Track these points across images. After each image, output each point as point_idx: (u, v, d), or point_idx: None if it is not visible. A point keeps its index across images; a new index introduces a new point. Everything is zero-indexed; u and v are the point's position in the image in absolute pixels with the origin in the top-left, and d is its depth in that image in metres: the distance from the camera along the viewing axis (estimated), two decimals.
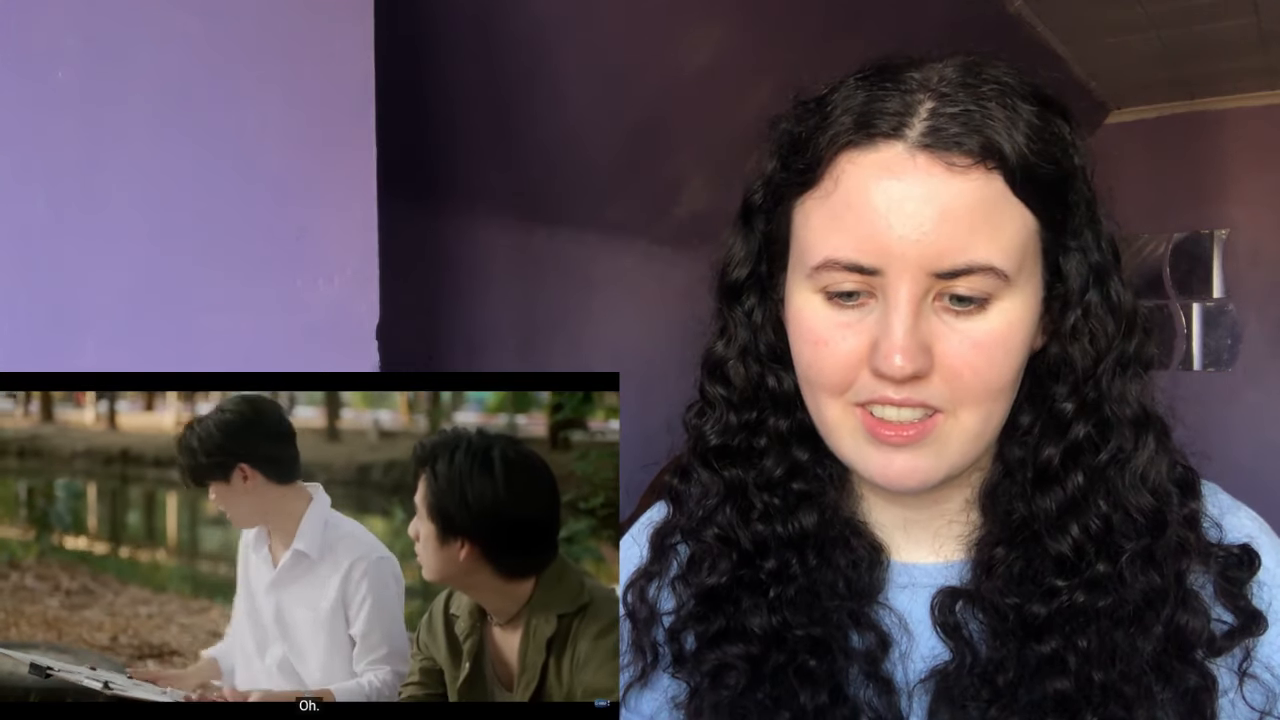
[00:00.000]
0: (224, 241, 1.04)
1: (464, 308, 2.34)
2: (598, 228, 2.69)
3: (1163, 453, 0.73)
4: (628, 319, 2.80)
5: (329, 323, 1.15)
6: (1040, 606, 0.71)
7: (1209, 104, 4.13)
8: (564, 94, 2.18)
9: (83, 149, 0.92)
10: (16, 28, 0.88)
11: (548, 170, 2.37)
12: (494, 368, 2.42)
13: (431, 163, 2.12)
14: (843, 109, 0.68)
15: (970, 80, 0.67)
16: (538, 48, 2.05)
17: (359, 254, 1.18)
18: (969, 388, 0.67)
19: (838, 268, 0.67)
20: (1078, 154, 0.70)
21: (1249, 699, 0.71)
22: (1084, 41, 3.38)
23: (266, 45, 1.08)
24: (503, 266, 2.45)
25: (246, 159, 1.06)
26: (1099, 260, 0.72)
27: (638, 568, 0.84)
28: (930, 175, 0.65)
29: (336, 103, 1.16)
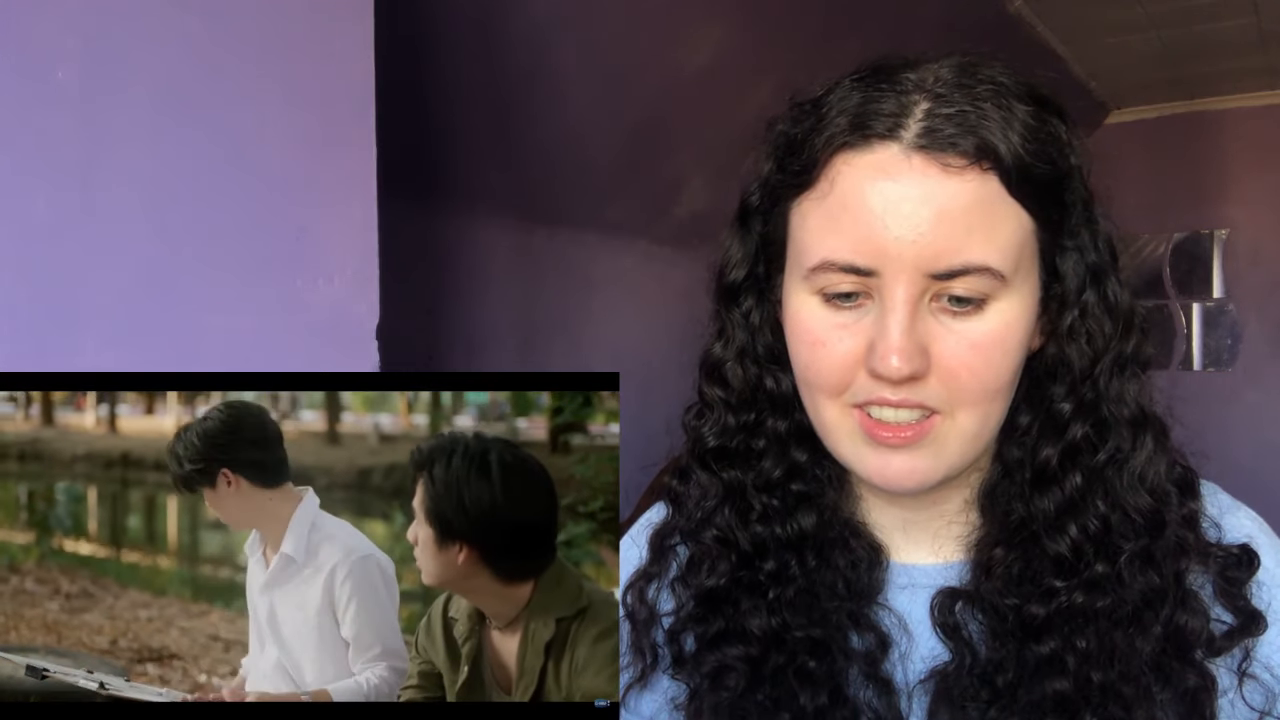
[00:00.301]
0: (224, 241, 1.04)
1: (464, 308, 2.34)
2: (598, 228, 2.69)
3: (1161, 453, 0.73)
4: (628, 319, 2.80)
5: (329, 323, 1.15)
6: (1039, 607, 0.71)
7: (1209, 104, 4.13)
8: (564, 94, 2.18)
9: (83, 149, 0.92)
10: (16, 28, 0.88)
11: (548, 170, 2.37)
12: (494, 368, 2.42)
13: (431, 163, 2.12)
14: (838, 110, 0.68)
15: (966, 81, 0.67)
16: (538, 48, 2.05)
17: (359, 254, 1.18)
18: (966, 388, 0.67)
19: (834, 269, 0.67)
20: (1074, 154, 0.70)
21: (1248, 699, 0.71)
22: (1084, 41, 3.38)
23: (266, 45, 1.08)
24: (503, 266, 2.45)
25: (246, 159, 1.06)
26: (1096, 260, 0.71)
27: (637, 569, 0.84)
28: (926, 176, 0.65)
29: (336, 103, 1.16)
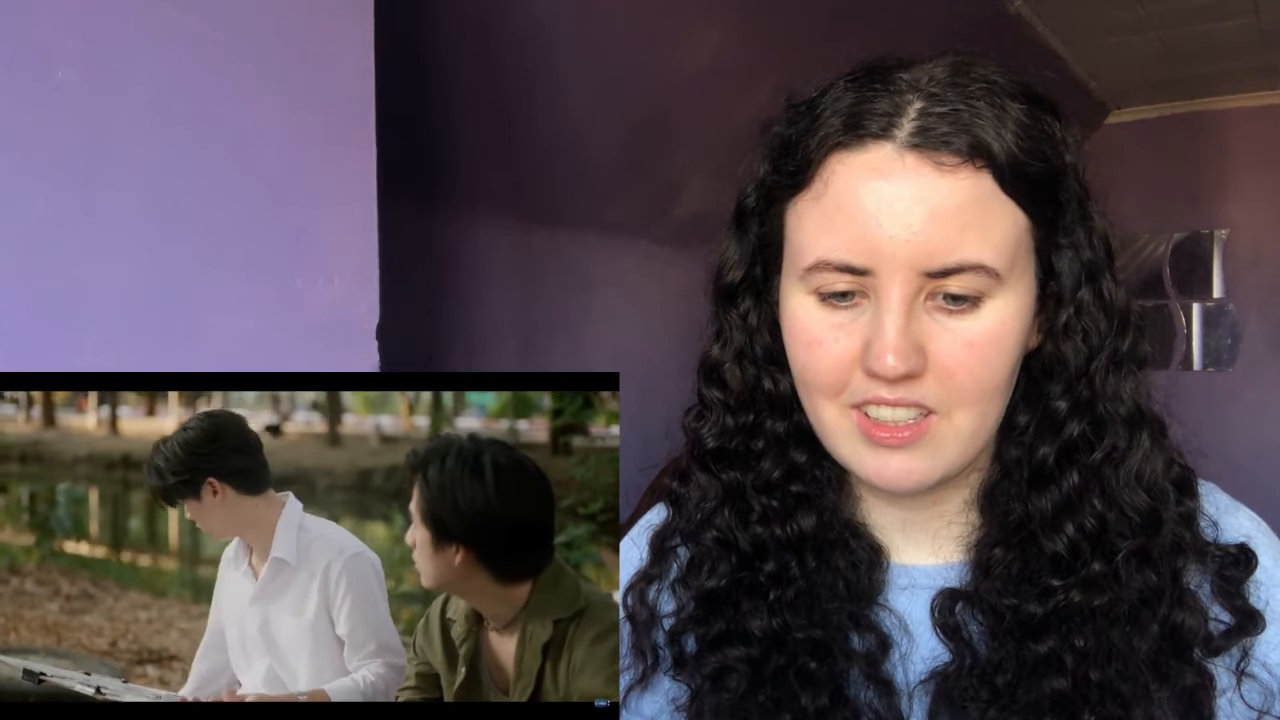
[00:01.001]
0: (224, 241, 1.04)
1: (464, 308, 2.34)
2: (598, 228, 2.69)
3: (1158, 451, 0.73)
4: (628, 319, 2.80)
5: (329, 323, 1.15)
6: (1036, 606, 0.71)
7: (1209, 104, 4.13)
8: (564, 94, 2.18)
9: (83, 149, 0.93)
10: (16, 28, 0.88)
11: (548, 170, 2.37)
12: (494, 368, 2.42)
13: (431, 163, 2.12)
14: (832, 111, 0.68)
15: (959, 80, 0.67)
16: (538, 48, 2.05)
17: (359, 254, 1.18)
18: (962, 387, 0.67)
19: (829, 269, 0.67)
20: (1068, 151, 0.70)
21: (1247, 698, 0.71)
22: (1084, 41, 3.38)
23: (266, 45, 1.08)
24: (503, 266, 2.45)
25: (246, 159, 1.06)
26: (1091, 257, 0.71)
27: (638, 570, 0.84)
28: (919, 175, 0.65)
29: (336, 103, 1.16)
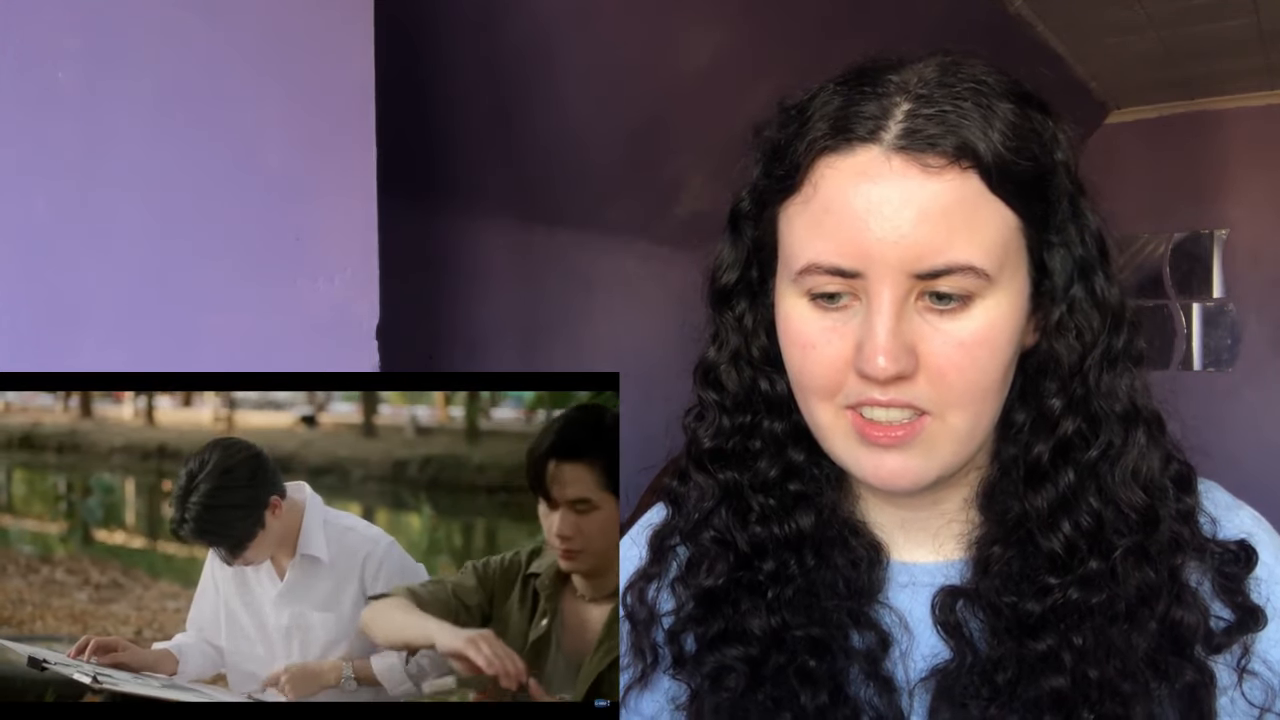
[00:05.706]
0: (224, 241, 1.04)
1: (464, 308, 2.34)
2: (598, 228, 2.69)
3: (1155, 448, 0.73)
4: (628, 319, 2.80)
5: (329, 323, 1.15)
6: (1035, 604, 0.71)
7: (1209, 104, 4.13)
8: (564, 94, 2.18)
9: (83, 149, 0.93)
10: (16, 28, 0.88)
11: (548, 170, 2.37)
12: (494, 368, 2.42)
13: (431, 163, 2.12)
14: (820, 115, 0.68)
15: (948, 80, 0.67)
16: (538, 47, 2.05)
17: (359, 254, 1.18)
18: (954, 388, 0.67)
19: (820, 271, 0.67)
20: (1059, 149, 0.70)
21: (1248, 695, 0.71)
22: (1084, 41, 3.38)
23: (266, 44, 1.08)
24: (503, 266, 2.45)
25: (246, 159, 1.06)
26: (1083, 255, 0.71)
27: (637, 569, 0.84)
28: (906, 177, 0.65)
29: (336, 103, 1.16)
